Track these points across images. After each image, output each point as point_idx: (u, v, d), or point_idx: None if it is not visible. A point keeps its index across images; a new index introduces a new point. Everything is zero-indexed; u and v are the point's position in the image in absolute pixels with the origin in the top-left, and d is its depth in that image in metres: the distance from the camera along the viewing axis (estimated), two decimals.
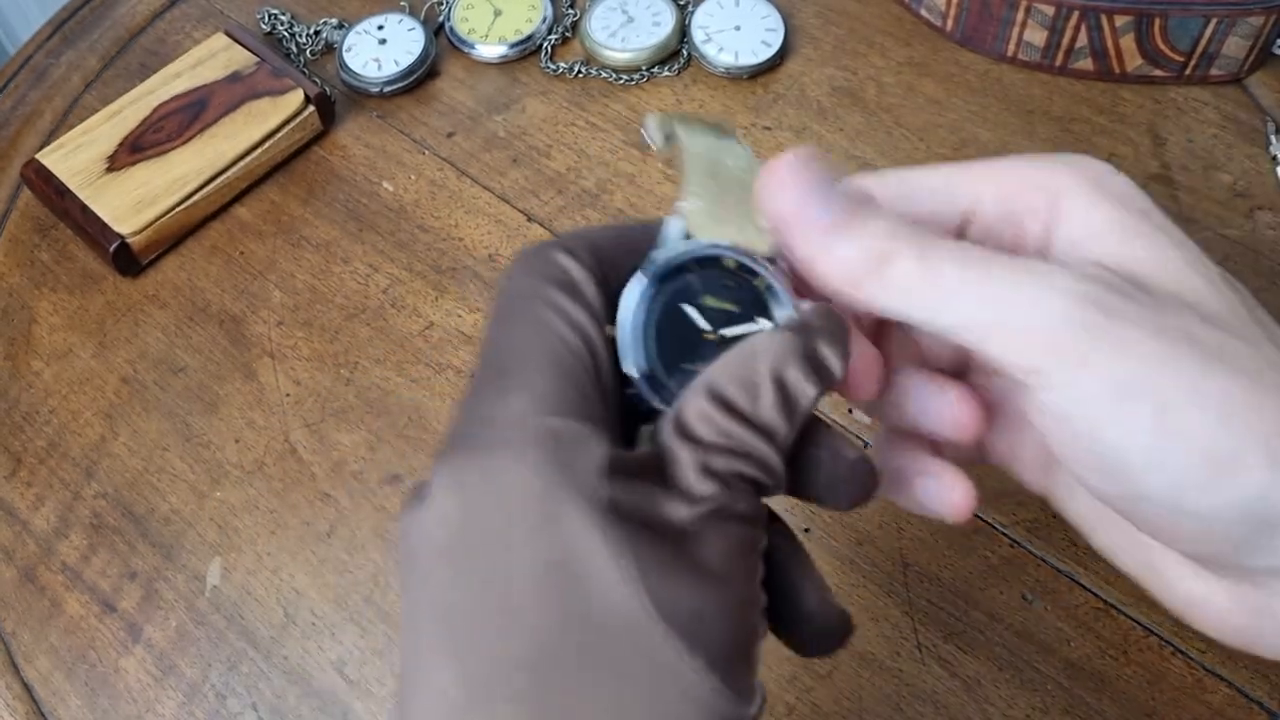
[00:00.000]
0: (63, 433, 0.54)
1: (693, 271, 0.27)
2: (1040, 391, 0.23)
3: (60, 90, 0.68)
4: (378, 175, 0.62)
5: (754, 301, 0.27)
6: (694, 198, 0.27)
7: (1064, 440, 0.24)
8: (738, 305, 0.27)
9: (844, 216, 0.25)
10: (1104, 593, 0.46)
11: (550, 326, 0.24)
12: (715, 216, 0.27)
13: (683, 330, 0.26)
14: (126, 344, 0.57)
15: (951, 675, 0.44)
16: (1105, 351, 0.22)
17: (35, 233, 0.61)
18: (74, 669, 0.48)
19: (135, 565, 0.50)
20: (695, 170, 0.28)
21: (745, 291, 0.27)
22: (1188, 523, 0.23)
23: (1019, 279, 0.23)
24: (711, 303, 0.26)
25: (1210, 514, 0.22)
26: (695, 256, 0.27)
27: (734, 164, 0.29)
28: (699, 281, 0.27)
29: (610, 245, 0.26)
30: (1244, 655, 0.44)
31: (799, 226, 0.25)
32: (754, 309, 0.27)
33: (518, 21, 0.66)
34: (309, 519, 0.51)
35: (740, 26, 0.64)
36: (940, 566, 0.47)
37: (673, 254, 0.27)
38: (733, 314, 0.27)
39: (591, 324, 0.25)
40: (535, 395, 0.23)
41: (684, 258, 0.26)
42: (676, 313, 0.26)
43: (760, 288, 0.27)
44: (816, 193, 0.25)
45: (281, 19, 0.68)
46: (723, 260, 0.27)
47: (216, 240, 0.60)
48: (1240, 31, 0.58)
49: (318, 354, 0.56)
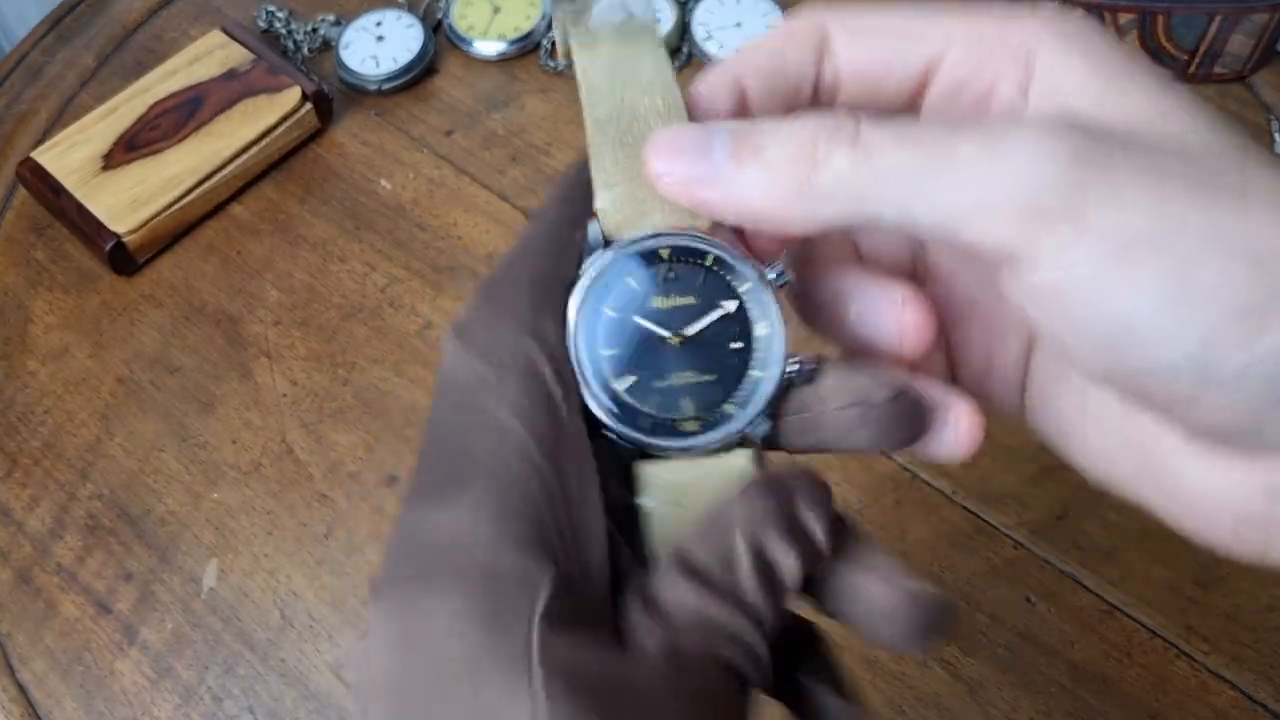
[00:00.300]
0: (58, 433, 0.54)
1: (628, 278, 0.24)
2: (1027, 274, 0.20)
3: (56, 88, 0.67)
4: (375, 173, 0.61)
5: (708, 285, 0.24)
6: (604, 189, 0.24)
7: (1060, 325, 0.21)
8: (693, 296, 0.24)
9: (735, 144, 0.22)
10: (1108, 595, 0.46)
11: (499, 427, 0.21)
12: (635, 200, 0.24)
13: (643, 346, 0.24)
14: (122, 344, 0.57)
15: (954, 678, 0.44)
16: (1104, 210, 0.19)
17: (31, 231, 0.61)
18: (69, 671, 0.47)
19: (131, 567, 0.50)
20: (603, 148, 0.24)
21: (693, 277, 0.24)
22: (1211, 392, 0.20)
23: (988, 146, 0.20)
24: (662, 304, 0.24)
25: (1237, 376, 0.19)
26: (622, 263, 0.24)
27: (648, 105, 0.25)
28: (639, 286, 0.24)
29: (548, 276, 0.23)
30: (1248, 658, 0.44)
31: (700, 186, 0.22)
32: (712, 293, 0.24)
33: (517, 18, 0.66)
34: (306, 520, 0.50)
35: (741, 23, 0.63)
36: (942, 568, 0.46)
37: (596, 270, 0.24)
38: (691, 308, 0.24)
39: (544, 418, 0.21)
40: (478, 515, 0.20)
41: (610, 269, 0.24)
42: (628, 330, 0.23)
43: (710, 266, 0.24)
44: (692, 143, 0.22)
45: (279, 16, 0.67)
46: (657, 253, 0.24)
47: (213, 239, 0.60)
48: (1244, 29, 0.57)
49: (315, 354, 0.55)
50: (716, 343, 0.24)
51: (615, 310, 0.23)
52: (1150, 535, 0.47)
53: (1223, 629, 0.45)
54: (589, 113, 0.25)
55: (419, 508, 0.21)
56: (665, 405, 0.23)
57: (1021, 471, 0.49)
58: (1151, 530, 0.48)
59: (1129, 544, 0.47)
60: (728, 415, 0.23)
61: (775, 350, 0.24)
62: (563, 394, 0.22)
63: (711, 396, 0.24)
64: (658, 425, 0.23)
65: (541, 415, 0.21)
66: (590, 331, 0.23)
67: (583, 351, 0.23)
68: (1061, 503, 0.48)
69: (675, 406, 0.23)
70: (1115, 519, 0.48)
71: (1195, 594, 0.45)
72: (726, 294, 0.24)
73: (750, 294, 0.24)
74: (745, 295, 0.24)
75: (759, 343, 0.24)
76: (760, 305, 0.24)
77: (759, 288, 0.24)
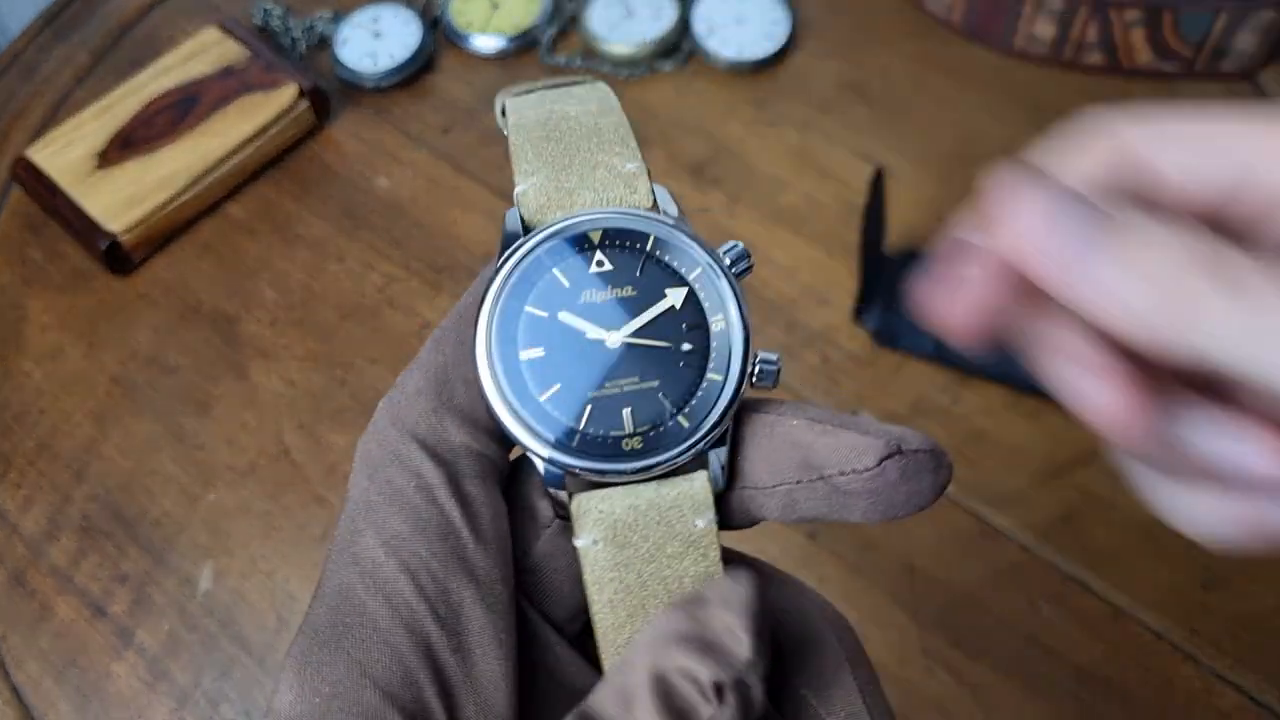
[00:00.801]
0: (53, 434, 0.53)
1: (553, 268, 0.20)
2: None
3: (50, 85, 0.66)
4: (373, 171, 0.61)
5: (650, 272, 0.20)
6: (525, 178, 0.21)
7: None
8: (631, 286, 0.20)
9: (1102, 231, 0.18)
10: (1113, 598, 0.45)
11: (371, 566, 0.19)
12: (560, 185, 0.20)
13: (571, 349, 0.20)
14: (118, 344, 0.56)
15: (959, 683, 0.44)
16: None
17: (25, 230, 0.60)
18: (64, 674, 0.47)
19: (126, 569, 0.49)
20: (523, 143, 0.21)
21: (631, 263, 0.20)
22: None
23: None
24: (594, 298, 0.20)
25: None
26: (545, 251, 0.20)
27: (578, 110, 0.22)
28: (565, 278, 0.20)
29: (452, 362, 0.20)
30: (1254, 661, 0.43)
31: (1044, 256, 0.18)
32: (655, 282, 0.20)
33: (516, 15, 0.65)
34: (303, 522, 0.50)
35: (743, 19, 0.63)
36: (948, 572, 0.46)
37: (513, 262, 0.20)
38: (630, 300, 0.20)
39: (425, 543, 0.19)
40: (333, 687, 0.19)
41: (530, 260, 0.20)
42: (554, 330, 0.20)
43: (650, 250, 0.20)
44: (1057, 207, 0.18)
45: (275, 12, 0.67)
46: (588, 236, 0.20)
47: (209, 238, 0.59)
48: (1251, 26, 0.57)
49: (311, 354, 0.55)
50: (662, 342, 0.20)
51: (538, 307, 0.20)
52: (1155, 538, 0.47)
53: (1228, 632, 0.44)
54: (511, 124, 0.22)
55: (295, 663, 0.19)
56: (601, 420, 0.19)
57: (1026, 474, 0.48)
58: (1156, 533, 0.47)
59: (1134, 547, 0.46)
60: (679, 430, 0.20)
61: (735, 348, 0.20)
62: (459, 509, 0.19)
63: (657, 408, 0.20)
64: (592, 445, 0.19)
65: (419, 541, 0.19)
66: (506, 335, 0.20)
67: (497, 360, 0.20)
68: (1067, 506, 0.48)
69: (613, 421, 0.20)
70: (1120, 522, 0.47)
71: (1201, 597, 0.45)
72: (672, 282, 0.20)
73: (701, 281, 0.20)
74: (696, 283, 0.20)
75: (715, 340, 0.20)
76: (715, 294, 0.20)
77: (713, 273, 0.20)
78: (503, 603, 0.20)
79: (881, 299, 0.52)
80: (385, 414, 0.21)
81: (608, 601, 0.20)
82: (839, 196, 0.58)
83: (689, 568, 0.20)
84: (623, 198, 0.21)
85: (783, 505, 0.20)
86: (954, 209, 0.57)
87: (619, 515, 0.20)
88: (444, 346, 0.21)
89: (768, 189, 0.58)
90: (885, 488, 0.19)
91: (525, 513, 0.21)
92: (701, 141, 0.60)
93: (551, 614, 0.21)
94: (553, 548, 0.21)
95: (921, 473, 0.19)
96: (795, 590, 0.21)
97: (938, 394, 0.51)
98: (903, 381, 0.51)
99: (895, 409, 0.51)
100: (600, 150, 0.21)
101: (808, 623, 0.20)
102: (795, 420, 0.20)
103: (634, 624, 0.20)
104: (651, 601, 0.20)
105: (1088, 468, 0.49)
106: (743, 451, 0.20)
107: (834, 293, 0.54)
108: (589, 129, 0.21)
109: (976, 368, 0.51)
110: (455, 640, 0.19)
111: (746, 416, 0.20)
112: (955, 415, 0.50)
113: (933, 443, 0.20)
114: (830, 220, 0.57)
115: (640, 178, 0.21)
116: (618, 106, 0.22)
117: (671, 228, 0.20)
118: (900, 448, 0.19)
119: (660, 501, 0.20)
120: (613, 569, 0.20)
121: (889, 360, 0.52)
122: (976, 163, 0.59)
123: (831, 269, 0.55)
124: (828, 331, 0.53)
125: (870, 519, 0.20)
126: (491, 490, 0.20)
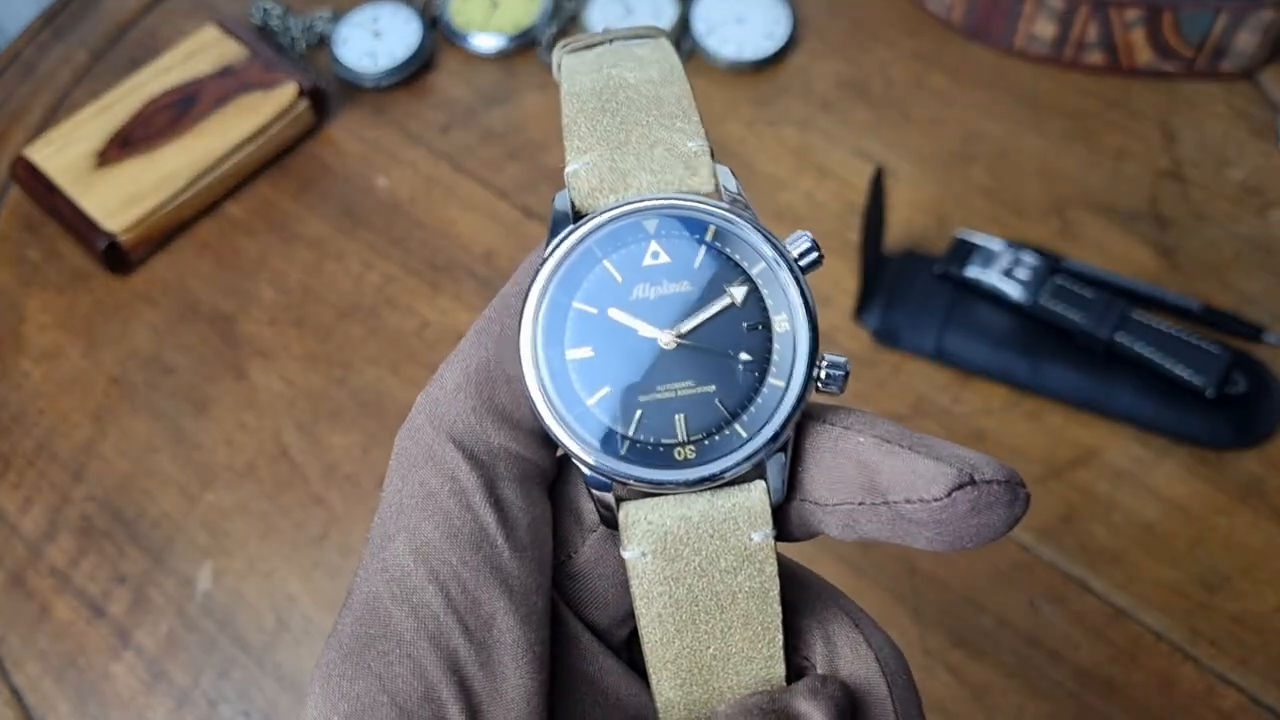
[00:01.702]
0: (51, 434, 0.53)
1: (604, 260, 0.18)
2: None
3: (49, 85, 0.66)
4: (372, 170, 0.61)
5: (708, 266, 0.18)
6: (577, 155, 0.19)
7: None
8: (688, 282, 0.18)
9: None
10: (1114, 598, 0.45)
11: (399, 574, 0.19)
12: (615, 167, 0.19)
13: (622, 348, 0.18)
14: (116, 343, 0.56)
15: (960, 683, 0.43)
16: None
17: (24, 230, 0.60)
18: (63, 674, 0.47)
19: (125, 569, 0.49)
20: (576, 115, 0.19)
21: (689, 256, 0.18)
22: None
23: None
24: (648, 293, 0.18)
25: None
26: (595, 241, 0.18)
27: (638, 77, 0.20)
28: (617, 270, 0.18)
29: (492, 360, 0.19)
30: (1255, 662, 0.43)
31: None
32: (714, 277, 0.18)
33: (515, 13, 0.65)
34: (301, 522, 0.50)
35: (743, 19, 0.63)
36: (948, 572, 0.46)
37: (562, 253, 0.18)
38: (686, 297, 0.18)
39: (455, 552, 0.18)
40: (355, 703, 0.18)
41: (579, 250, 0.18)
42: (603, 328, 0.18)
43: (711, 241, 0.19)
44: None
45: (274, 11, 0.66)
46: (641, 225, 0.19)
47: (207, 237, 0.59)
48: (1251, 25, 0.57)
49: (310, 354, 0.55)
50: (720, 343, 0.18)
51: (587, 303, 0.18)
52: (1156, 538, 0.47)
53: (1229, 632, 0.44)
54: (565, 90, 0.20)
55: (321, 676, 0.19)
56: (652, 426, 0.18)
57: (1027, 474, 0.48)
58: (1157, 533, 0.47)
59: (1135, 547, 0.46)
60: (736, 439, 0.18)
61: (800, 351, 0.19)
62: (495, 515, 0.18)
63: (713, 414, 0.18)
64: (642, 453, 0.18)
65: (450, 549, 0.18)
66: (553, 332, 0.18)
67: (542, 359, 0.18)
68: (1067, 505, 0.47)
69: (666, 427, 0.18)
70: (1121, 522, 0.47)
71: (1202, 597, 0.45)
72: (733, 278, 0.19)
73: (765, 277, 0.19)
74: (758, 279, 0.19)
75: (778, 341, 0.19)
76: (778, 292, 0.19)
77: (777, 268, 0.19)
78: (537, 614, 0.19)
79: (881, 299, 0.52)
80: (423, 410, 0.19)
81: (656, 616, 0.19)
82: (839, 196, 0.57)
83: (743, 583, 0.19)
84: (682, 180, 0.19)
85: (843, 525, 0.19)
86: (954, 209, 0.57)
87: (669, 527, 0.18)
88: (486, 340, 0.19)
89: (768, 188, 0.58)
90: (954, 519, 0.18)
91: (571, 516, 0.20)
92: None
93: (596, 620, 0.20)
94: (599, 553, 0.20)
95: (995, 505, 0.18)
96: (853, 621, 0.20)
97: (938, 394, 0.51)
98: (903, 381, 0.51)
99: (895, 409, 0.51)
100: (660, 125, 0.19)
101: (861, 664, 0.19)
102: (863, 437, 0.19)
103: (683, 639, 0.19)
104: (703, 617, 0.19)
105: (1088, 468, 0.48)
106: (804, 463, 0.19)
107: (834, 293, 0.54)
108: (649, 99, 0.19)
109: (976, 368, 0.51)
110: (485, 654, 0.18)
111: (811, 425, 0.19)
112: (955, 415, 0.50)
113: (1009, 472, 0.18)
114: (830, 220, 0.57)
115: (702, 158, 0.19)
116: (682, 72, 0.20)
117: (734, 216, 0.19)
118: (973, 478, 0.18)
119: (714, 513, 0.18)
120: (662, 583, 0.19)
121: (889, 360, 0.52)
122: (976, 163, 0.59)
123: (831, 269, 0.55)
124: (828, 331, 0.53)
125: (936, 548, 0.19)
126: (532, 495, 0.19)
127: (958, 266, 0.52)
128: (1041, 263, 0.52)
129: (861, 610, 0.20)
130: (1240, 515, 0.47)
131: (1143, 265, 0.54)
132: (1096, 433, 0.49)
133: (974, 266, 0.52)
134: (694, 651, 0.19)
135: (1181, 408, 0.49)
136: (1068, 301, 0.50)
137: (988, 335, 0.51)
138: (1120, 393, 0.49)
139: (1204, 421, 0.48)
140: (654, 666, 0.19)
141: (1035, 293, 0.51)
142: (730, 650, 0.19)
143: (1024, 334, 0.51)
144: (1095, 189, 0.56)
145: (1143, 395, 0.49)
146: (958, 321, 0.51)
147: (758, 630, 0.19)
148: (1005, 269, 0.52)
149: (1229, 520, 0.47)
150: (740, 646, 0.19)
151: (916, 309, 0.52)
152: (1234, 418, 0.49)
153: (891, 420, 0.19)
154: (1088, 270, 0.52)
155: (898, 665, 0.19)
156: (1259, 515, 0.47)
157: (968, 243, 0.53)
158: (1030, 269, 0.51)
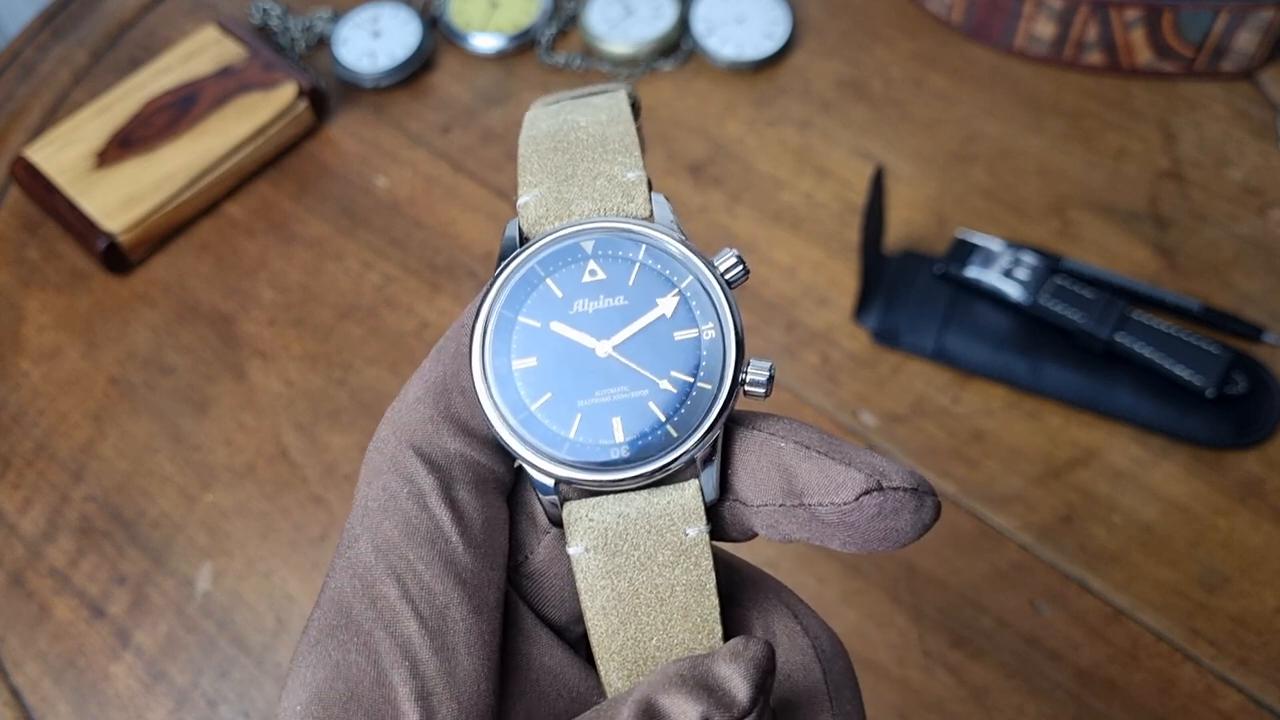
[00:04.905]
0: (51, 434, 0.53)
1: (547, 279, 0.20)
2: None
3: (49, 85, 0.66)
4: (371, 170, 0.61)
5: (641, 282, 0.20)
6: (528, 189, 0.21)
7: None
8: (623, 296, 0.20)
9: None
10: (1113, 598, 0.45)
11: (362, 570, 0.20)
12: (560, 197, 0.21)
13: (563, 358, 0.20)
14: (115, 344, 0.56)
15: (959, 683, 0.43)
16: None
17: (23, 230, 0.60)
18: (62, 675, 0.47)
19: (124, 569, 0.49)
20: (530, 154, 0.22)
21: (623, 273, 0.20)
22: None
23: None
24: (586, 307, 0.20)
25: None
26: (539, 261, 0.20)
27: (589, 120, 0.22)
28: (559, 288, 0.20)
29: (451, 374, 0.21)
30: (1255, 662, 0.43)
31: None
32: (646, 291, 0.20)
33: (515, 14, 0.65)
34: (301, 523, 0.50)
35: (743, 19, 0.63)
36: (947, 572, 0.46)
37: (508, 272, 0.20)
38: (621, 310, 0.20)
39: (413, 548, 0.19)
40: (308, 688, 0.19)
41: (524, 270, 0.20)
42: (546, 340, 0.20)
43: (643, 259, 0.20)
44: None
45: (273, 11, 0.66)
46: (580, 246, 0.20)
47: (207, 238, 0.59)
48: (1251, 25, 0.57)
49: (310, 354, 0.55)
50: (653, 350, 0.20)
51: (531, 318, 0.20)
52: (1156, 538, 0.47)
53: (1229, 632, 0.44)
54: (524, 135, 0.22)
55: (291, 669, 0.20)
56: (590, 429, 0.20)
57: (1026, 474, 0.48)
58: (1157, 533, 0.47)
59: (1135, 547, 0.46)
60: (668, 439, 0.20)
61: (726, 357, 0.20)
62: (450, 514, 0.20)
63: (647, 416, 0.20)
64: (581, 454, 0.20)
65: (408, 546, 0.19)
66: (500, 345, 0.20)
67: (490, 369, 0.20)
68: (1067, 505, 0.47)
69: (603, 430, 0.20)
70: (1120, 522, 0.47)
71: (1201, 597, 0.45)
72: (664, 291, 0.20)
73: (693, 289, 0.20)
74: (687, 291, 0.20)
75: (705, 349, 0.20)
76: (706, 303, 0.20)
77: (704, 282, 0.20)
78: (489, 605, 0.20)
79: (881, 299, 0.52)
80: (388, 422, 0.21)
81: (600, 609, 0.20)
82: (839, 196, 0.57)
83: (680, 576, 0.20)
84: (620, 206, 0.21)
85: (767, 525, 0.20)
86: (954, 209, 0.57)
87: (609, 523, 0.20)
88: (443, 356, 0.21)
89: (767, 188, 0.58)
90: (862, 522, 0.19)
91: (527, 519, 0.21)
92: (701, 141, 0.60)
93: (553, 617, 0.22)
94: (553, 554, 0.21)
95: (901, 511, 0.19)
96: (792, 613, 0.21)
97: (938, 394, 0.51)
98: (903, 381, 0.51)
99: (895, 409, 0.51)
100: (604, 159, 0.21)
101: (798, 652, 0.20)
102: (784, 443, 0.20)
103: (626, 631, 0.20)
104: (644, 609, 0.20)
105: (1087, 468, 0.48)
106: (732, 465, 0.20)
107: (834, 293, 0.54)
108: (596, 139, 0.21)
109: (976, 368, 0.51)
110: (439, 640, 0.19)
111: (741, 430, 0.20)
112: (955, 415, 0.50)
113: (917, 480, 0.19)
114: (830, 220, 0.57)
115: (639, 186, 0.21)
116: (629, 115, 0.22)
117: (664, 236, 0.21)
118: (880, 484, 0.19)
119: (651, 510, 0.20)
120: (604, 576, 0.20)
121: (889, 360, 0.52)
122: (976, 163, 0.59)
123: (831, 269, 0.55)
124: (828, 331, 0.53)
125: (849, 550, 0.20)
126: (487, 497, 0.21)
127: (957, 266, 0.52)
128: (1041, 263, 0.52)
129: (802, 602, 0.21)
130: (1240, 515, 0.47)
131: (1142, 265, 0.54)
132: (1096, 433, 0.49)
133: (974, 266, 0.52)
134: (637, 642, 0.20)
135: (1181, 408, 0.49)
136: (1067, 301, 0.50)
137: (987, 335, 0.51)
138: (1120, 393, 0.49)
139: (1204, 421, 0.48)
140: (601, 658, 0.21)
141: (1035, 293, 0.51)
142: (672, 641, 0.20)
143: (1024, 334, 0.51)
144: (1095, 189, 0.56)
145: (1143, 395, 0.49)
146: (957, 321, 0.51)
147: (697, 621, 0.20)
148: (1005, 269, 0.52)
149: (1229, 520, 0.47)
150: (681, 637, 0.20)
151: (916, 309, 0.52)
152: (1234, 418, 0.49)
153: (816, 427, 0.20)
154: (1087, 270, 0.52)
155: (834, 653, 0.21)
156: (1259, 515, 0.47)
157: (967, 243, 0.53)
158: (1030, 269, 0.51)
